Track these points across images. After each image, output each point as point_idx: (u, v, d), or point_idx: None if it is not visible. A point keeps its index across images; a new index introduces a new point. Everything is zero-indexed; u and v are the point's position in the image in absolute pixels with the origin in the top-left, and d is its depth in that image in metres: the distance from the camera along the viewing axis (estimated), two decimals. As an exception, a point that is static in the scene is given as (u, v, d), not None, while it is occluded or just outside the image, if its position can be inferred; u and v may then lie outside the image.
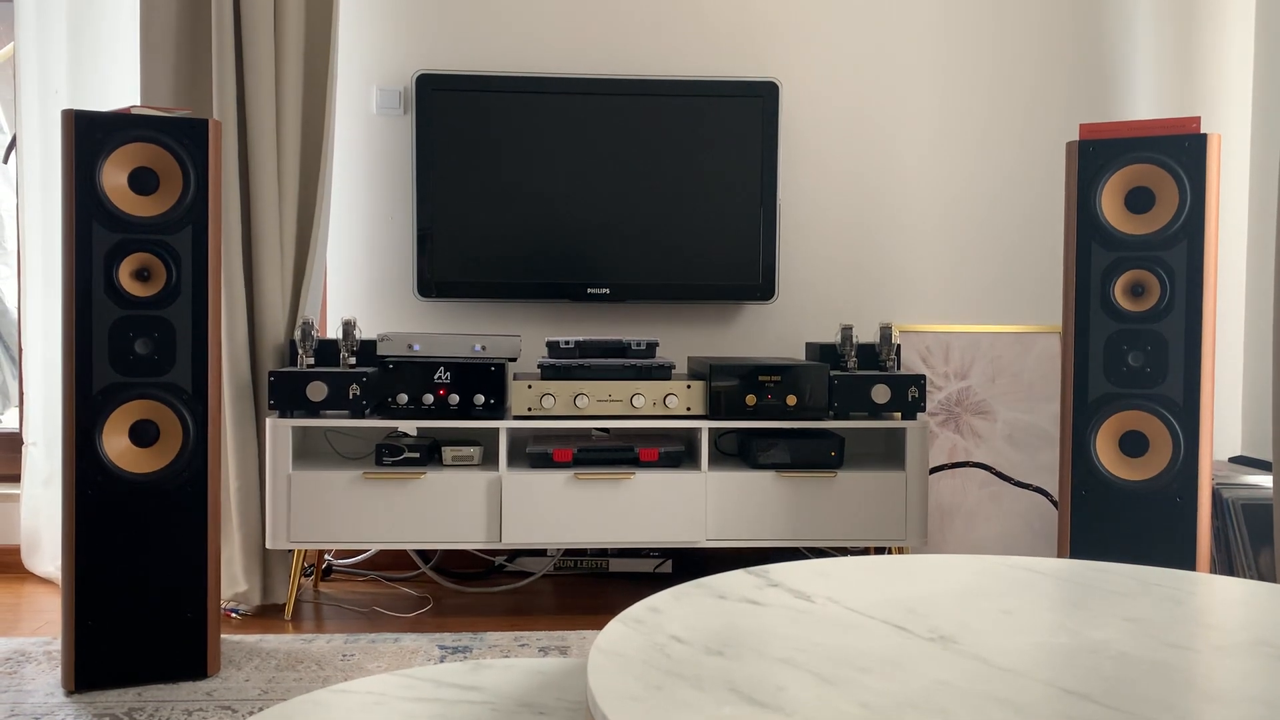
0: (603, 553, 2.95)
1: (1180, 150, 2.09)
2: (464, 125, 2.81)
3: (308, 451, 2.71)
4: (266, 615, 2.57)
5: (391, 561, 2.97)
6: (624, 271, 2.86)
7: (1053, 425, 2.92)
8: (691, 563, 3.00)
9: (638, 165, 2.85)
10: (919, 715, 0.86)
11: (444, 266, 2.82)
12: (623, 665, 0.97)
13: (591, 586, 2.86)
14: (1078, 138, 2.28)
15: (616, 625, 1.09)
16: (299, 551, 2.57)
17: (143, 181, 2.01)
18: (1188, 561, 2.11)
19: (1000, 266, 3.08)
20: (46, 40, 2.82)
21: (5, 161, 3.36)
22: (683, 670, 0.96)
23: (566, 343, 2.59)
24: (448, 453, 2.55)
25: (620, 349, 2.60)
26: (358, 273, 2.98)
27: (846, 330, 2.66)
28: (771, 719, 0.85)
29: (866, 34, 3.04)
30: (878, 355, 2.70)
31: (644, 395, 2.52)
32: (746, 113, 2.85)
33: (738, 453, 2.76)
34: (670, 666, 0.97)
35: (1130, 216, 2.14)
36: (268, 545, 2.47)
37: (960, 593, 1.24)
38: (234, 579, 2.56)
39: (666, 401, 2.53)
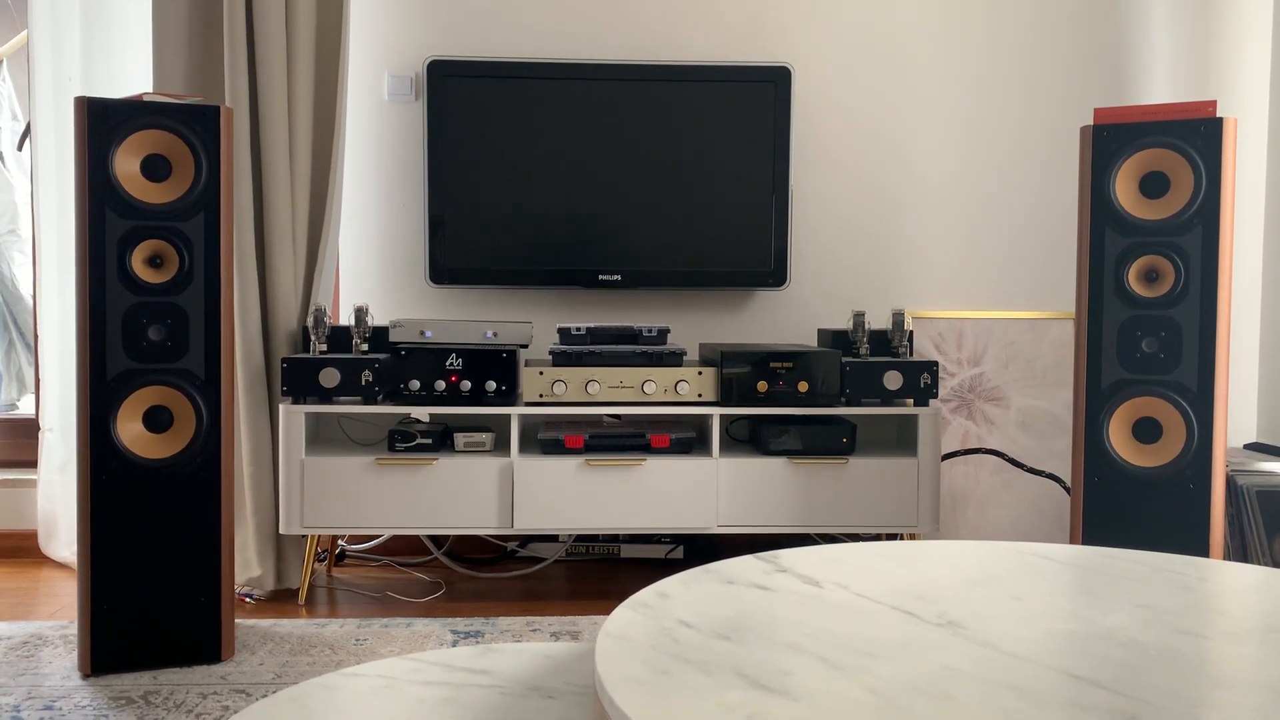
0: (614, 539, 2.96)
1: (1195, 135, 2.07)
2: (476, 111, 2.81)
3: (321, 437, 2.72)
4: (280, 600, 2.59)
5: (404, 547, 2.99)
6: (635, 258, 2.85)
7: (1066, 412, 2.90)
8: (703, 549, 3.00)
9: (649, 151, 2.84)
10: (927, 701, 0.86)
11: (456, 253, 2.82)
12: (630, 649, 0.97)
13: (603, 572, 2.87)
14: (1092, 122, 2.26)
15: (624, 610, 1.10)
16: (312, 537, 2.59)
17: (155, 168, 2.02)
18: (1201, 548, 2.10)
19: (1013, 252, 3.06)
20: (60, 28, 2.83)
21: (20, 149, 3.37)
22: (690, 655, 0.96)
23: (578, 329, 2.59)
24: (460, 439, 2.55)
25: (631, 335, 2.60)
26: (370, 259, 2.98)
27: (859, 316, 2.65)
28: (778, 704, 0.85)
29: (879, 19, 3.02)
30: (890, 341, 2.69)
31: (655, 382, 2.52)
32: (759, 98, 2.84)
33: (749, 439, 2.76)
34: (678, 651, 0.97)
35: (1145, 202, 2.13)
36: (281, 530, 2.49)
37: (969, 579, 1.24)
38: (248, 564, 2.58)
39: (678, 388, 2.52)
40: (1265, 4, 2.84)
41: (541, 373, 2.51)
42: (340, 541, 2.96)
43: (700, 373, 2.54)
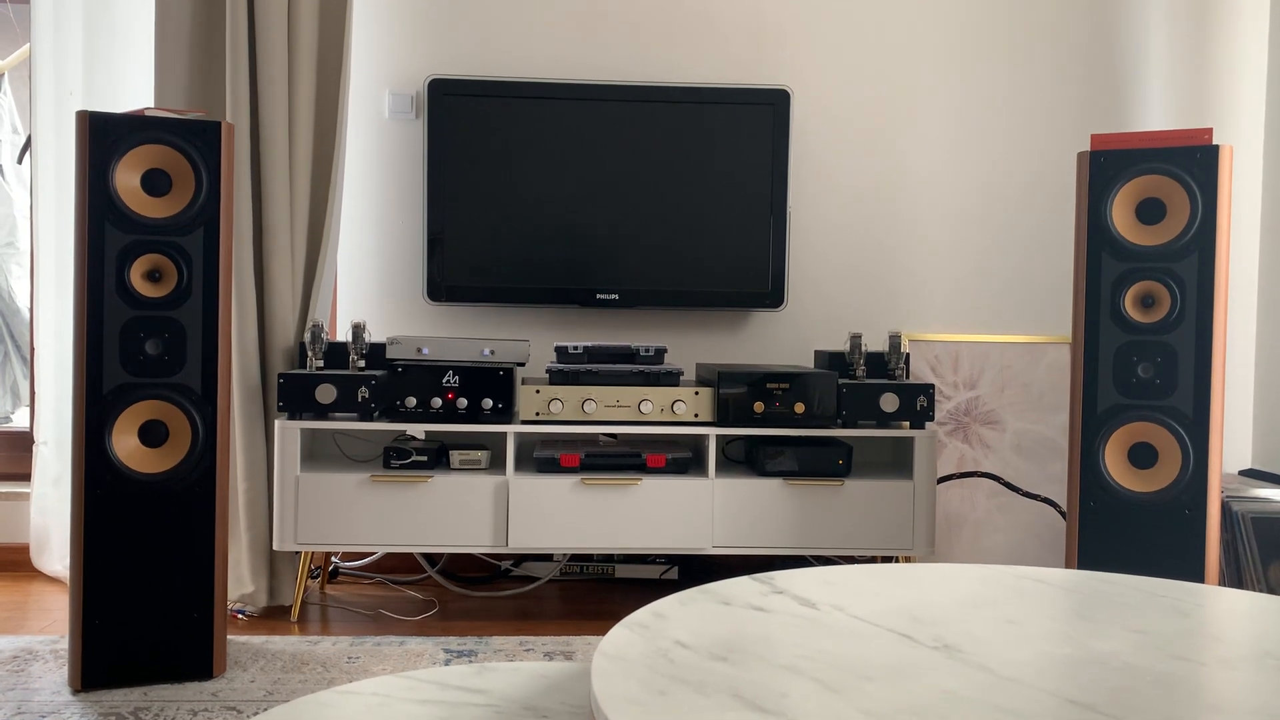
0: (609, 558, 2.95)
1: (1192, 161, 2.09)
2: (475, 130, 2.82)
3: (316, 453, 2.72)
4: (273, 616, 2.58)
5: (398, 564, 2.98)
6: (633, 277, 2.86)
7: (1062, 436, 2.91)
8: (698, 569, 2.99)
9: (648, 171, 2.86)
10: (922, 724, 0.86)
11: (454, 270, 2.83)
12: (626, 670, 0.97)
13: (597, 592, 2.86)
14: (1089, 148, 2.28)
15: (621, 630, 1.09)
16: (306, 553, 2.58)
17: (155, 183, 2.02)
18: (1196, 574, 2.10)
19: (1010, 276, 3.08)
20: (62, 42, 2.84)
21: (20, 162, 3.38)
22: (686, 675, 0.96)
23: (575, 348, 2.59)
24: (455, 456, 2.55)
25: (628, 355, 2.60)
26: (368, 276, 2.99)
27: (855, 339, 2.66)
28: (774, 725, 0.85)
29: (879, 42, 3.04)
30: (886, 364, 2.70)
31: (652, 401, 2.52)
32: (758, 120, 2.86)
33: (745, 460, 2.76)
34: (674, 672, 0.97)
35: (1141, 227, 2.14)
36: (275, 547, 2.48)
37: (965, 602, 1.24)
38: (241, 580, 2.57)
39: (674, 408, 2.53)
40: (1261, 33, 2.87)
41: (538, 391, 2.51)
42: (334, 558, 2.95)
43: (697, 393, 2.54)
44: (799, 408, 2.53)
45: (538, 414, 2.51)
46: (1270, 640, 1.12)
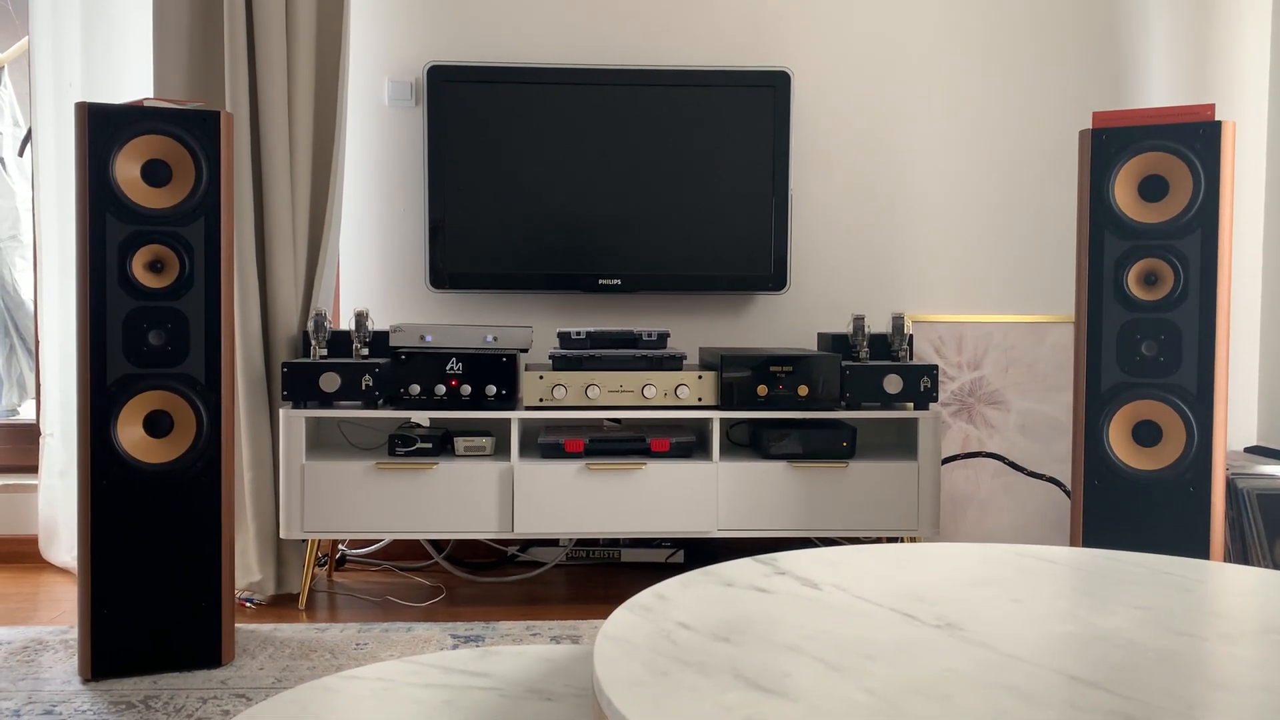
0: (614, 543, 2.96)
1: (1194, 138, 2.07)
2: (476, 116, 2.82)
3: (321, 442, 2.72)
4: (280, 605, 2.59)
5: (405, 551, 2.99)
6: (635, 262, 2.86)
7: (1066, 415, 2.90)
8: (703, 553, 3.00)
9: (649, 155, 2.85)
10: (925, 702, 0.86)
11: (456, 258, 2.83)
12: (629, 652, 0.98)
13: (603, 576, 2.87)
14: (1091, 126, 2.26)
15: (623, 612, 1.10)
16: (313, 541, 2.59)
17: (156, 173, 2.02)
18: (1201, 551, 2.10)
19: (1013, 256, 3.07)
20: (61, 34, 2.83)
21: (21, 154, 3.38)
22: (689, 657, 0.96)
23: (578, 333, 2.59)
24: (460, 443, 2.56)
25: (631, 340, 2.60)
26: (370, 264, 2.99)
27: (858, 320, 2.66)
28: (777, 705, 0.85)
29: (879, 23, 3.03)
30: (890, 345, 2.69)
31: (655, 386, 2.52)
32: (758, 103, 2.85)
33: (749, 443, 2.76)
34: (676, 653, 0.97)
35: (1144, 205, 2.13)
36: (281, 535, 2.49)
37: (968, 581, 1.24)
38: (248, 569, 2.58)
39: (678, 392, 2.53)
40: (1264, 7, 2.84)
41: (541, 377, 2.51)
42: (341, 546, 2.96)
43: (700, 377, 2.54)
44: (802, 390, 2.52)
45: (541, 400, 2.51)
46: (1273, 616, 1.12)
